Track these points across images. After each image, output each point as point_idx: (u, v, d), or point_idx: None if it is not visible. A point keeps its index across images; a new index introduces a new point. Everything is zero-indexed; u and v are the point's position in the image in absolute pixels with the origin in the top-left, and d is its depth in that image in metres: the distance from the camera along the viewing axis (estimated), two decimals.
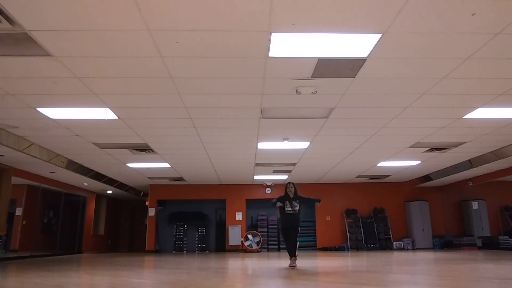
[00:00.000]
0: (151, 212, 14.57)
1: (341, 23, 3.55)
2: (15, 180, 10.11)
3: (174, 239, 15.02)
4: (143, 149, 8.63)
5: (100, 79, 4.73)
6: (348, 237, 14.11)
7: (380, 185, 14.56)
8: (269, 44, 3.89)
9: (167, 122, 6.59)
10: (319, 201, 7.50)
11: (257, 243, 14.02)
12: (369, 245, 14.03)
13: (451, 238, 14.14)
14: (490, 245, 13.18)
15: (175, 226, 15.10)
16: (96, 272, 7.31)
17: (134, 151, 8.78)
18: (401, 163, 10.86)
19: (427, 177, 13.19)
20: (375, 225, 14.27)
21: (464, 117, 6.38)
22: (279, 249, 14.09)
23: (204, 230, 15.07)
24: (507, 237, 12.94)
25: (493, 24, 3.58)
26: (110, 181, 12.98)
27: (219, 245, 14.83)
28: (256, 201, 14.54)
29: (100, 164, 10.48)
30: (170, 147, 8.51)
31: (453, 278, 5.63)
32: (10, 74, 4.51)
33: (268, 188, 14.58)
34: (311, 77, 4.75)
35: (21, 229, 11.82)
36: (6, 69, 4.37)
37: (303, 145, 8.43)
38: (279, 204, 7.26)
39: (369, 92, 5.30)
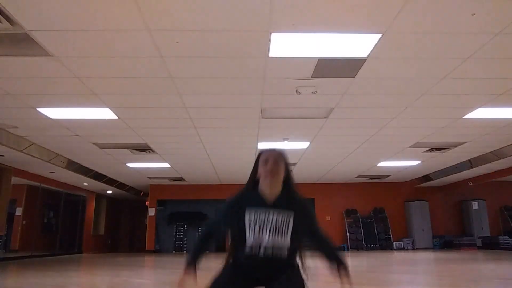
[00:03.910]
0: (151, 212, 14.57)
1: (341, 23, 3.55)
2: (15, 180, 10.11)
3: (174, 239, 15.02)
4: (143, 149, 8.62)
5: (100, 79, 4.73)
6: (348, 237, 14.10)
7: (380, 185, 14.55)
8: (269, 44, 3.89)
9: (167, 122, 6.58)
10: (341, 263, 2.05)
11: None
12: (369, 245, 14.03)
13: (451, 238, 14.14)
14: (490, 245, 13.17)
15: (175, 226, 15.10)
16: (96, 272, 7.30)
17: (134, 151, 8.78)
18: (401, 163, 10.85)
19: (427, 177, 13.19)
20: (375, 225, 14.27)
21: (464, 117, 6.37)
22: None
23: None
24: (507, 237, 12.94)
25: (493, 24, 3.58)
26: (110, 181, 12.97)
27: (219, 245, 14.79)
28: None
29: (100, 164, 10.47)
30: (170, 147, 8.51)
31: (453, 278, 5.63)
32: (10, 74, 4.51)
33: None
34: (311, 77, 4.75)
35: (21, 229, 11.83)
36: (6, 69, 4.37)
37: (303, 145, 8.43)
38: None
39: (369, 92, 5.30)
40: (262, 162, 2.01)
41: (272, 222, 1.90)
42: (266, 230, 1.89)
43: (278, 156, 2.02)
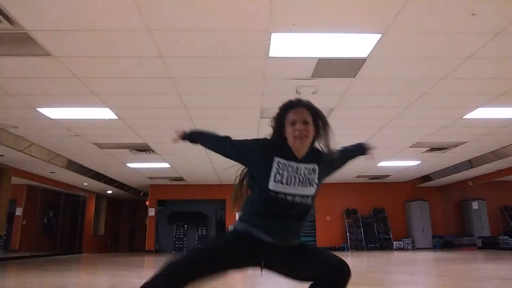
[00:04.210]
0: (151, 212, 14.57)
1: (341, 23, 3.55)
2: (15, 180, 10.10)
3: (174, 239, 15.03)
4: (143, 149, 8.63)
5: (100, 79, 4.73)
6: (348, 237, 14.10)
7: (380, 185, 14.55)
8: (269, 44, 3.89)
9: (167, 122, 6.58)
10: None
11: None
12: (369, 245, 14.03)
13: (451, 238, 14.14)
14: (490, 245, 13.18)
15: (175, 226, 15.10)
16: (96, 272, 7.31)
17: (134, 151, 8.78)
18: (401, 163, 10.85)
19: (427, 177, 13.19)
20: (375, 225, 14.27)
21: (464, 117, 6.37)
22: None
23: (204, 230, 15.07)
24: (507, 237, 12.94)
25: (493, 24, 3.58)
26: (110, 181, 12.97)
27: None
28: None
29: (100, 164, 10.47)
30: (170, 147, 8.50)
31: (453, 278, 5.63)
32: (10, 74, 4.51)
33: None
34: (311, 77, 4.75)
35: (21, 229, 11.82)
36: (6, 69, 4.37)
37: None
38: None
39: (369, 92, 5.30)
40: (289, 121, 1.89)
41: (301, 174, 1.86)
42: (295, 180, 1.84)
43: (306, 115, 1.88)
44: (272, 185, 1.81)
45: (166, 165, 10.57)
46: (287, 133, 1.89)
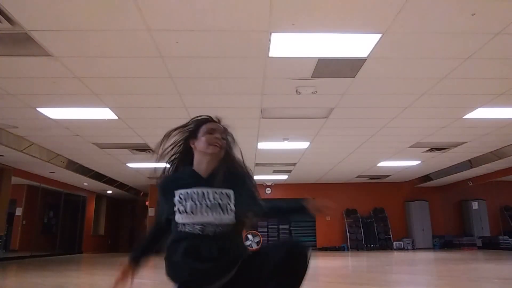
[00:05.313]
0: (151, 212, 14.57)
1: (341, 23, 3.55)
2: (15, 180, 10.11)
3: None
4: (143, 149, 8.63)
5: (100, 79, 4.73)
6: (348, 237, 14.10)
7: (380, 185, 14.55)
8: (269, 44, 3.89)
9: (167, 122, 6.54)
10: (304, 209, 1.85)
11: (257, 243, 14.02)
12: (369, 245, 14.03)
13: (451, 238, 14.14)
14: (490, 245, 13.18)
15: None
16: (96, 272, 7.31)
17: (134, 151, 8.78)
18: (401, 163, 10.85)
19: (427, 177, 13.19)
20: (375, 225, 14.27)
21: (464, 117, 6.37)
22: None
23: None
24: (507, 237, 12.95)
25: (493, 24, 3.58)
26: (110, 181, 12.97)
27: None
28: None
29: (100, 164, 10.47)
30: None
31: (453, 278, 5.63)
32: (10, 74, 4.51)
33: (268, 188, 14.58)
34: (311, 77, 4.75)
35: (21, 229, 11.83)
36: (6, 69, 4.37)
37: (303, 145, 8.43)
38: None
39: (369, 92, 5.30)
40: (207, 130, 1.85)
41: (210, 199, 1.68)
42: (202, 207, 1.66)
43: (225, 129, 1.91)
44: (178, 218, 1.66)
45: (166, 165, 10.55)
46: (199, 143, 1.82)
